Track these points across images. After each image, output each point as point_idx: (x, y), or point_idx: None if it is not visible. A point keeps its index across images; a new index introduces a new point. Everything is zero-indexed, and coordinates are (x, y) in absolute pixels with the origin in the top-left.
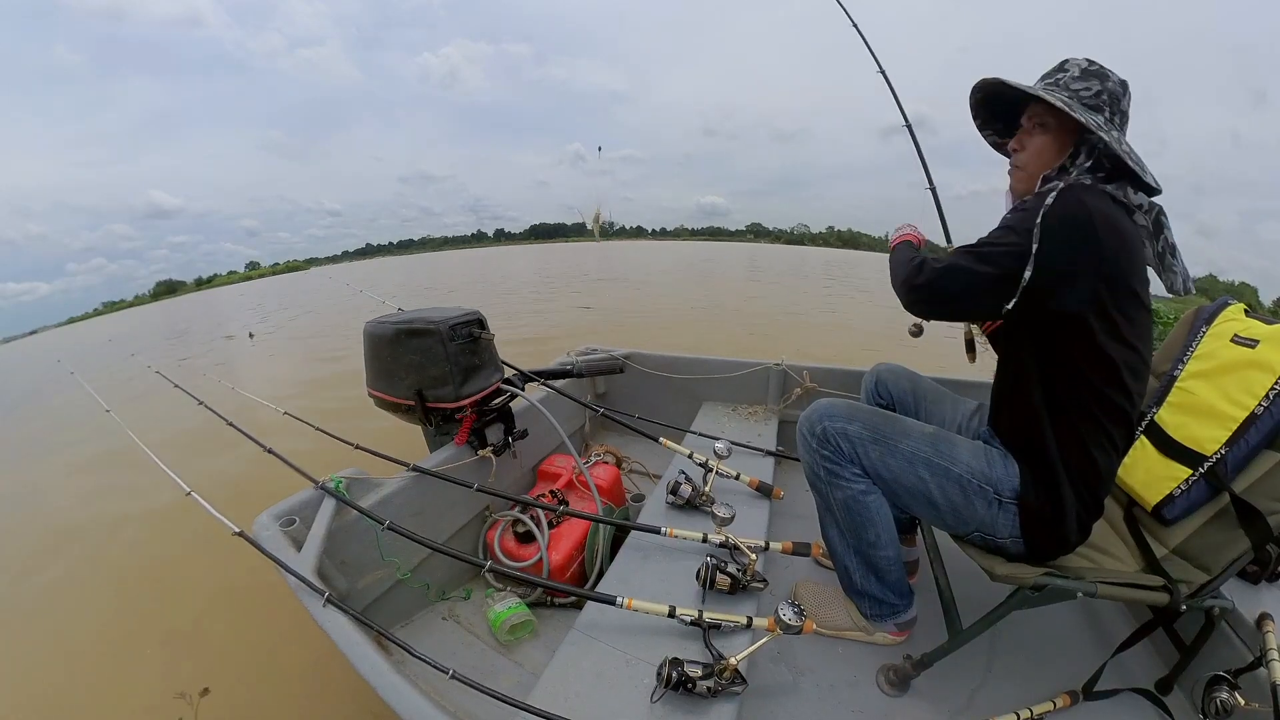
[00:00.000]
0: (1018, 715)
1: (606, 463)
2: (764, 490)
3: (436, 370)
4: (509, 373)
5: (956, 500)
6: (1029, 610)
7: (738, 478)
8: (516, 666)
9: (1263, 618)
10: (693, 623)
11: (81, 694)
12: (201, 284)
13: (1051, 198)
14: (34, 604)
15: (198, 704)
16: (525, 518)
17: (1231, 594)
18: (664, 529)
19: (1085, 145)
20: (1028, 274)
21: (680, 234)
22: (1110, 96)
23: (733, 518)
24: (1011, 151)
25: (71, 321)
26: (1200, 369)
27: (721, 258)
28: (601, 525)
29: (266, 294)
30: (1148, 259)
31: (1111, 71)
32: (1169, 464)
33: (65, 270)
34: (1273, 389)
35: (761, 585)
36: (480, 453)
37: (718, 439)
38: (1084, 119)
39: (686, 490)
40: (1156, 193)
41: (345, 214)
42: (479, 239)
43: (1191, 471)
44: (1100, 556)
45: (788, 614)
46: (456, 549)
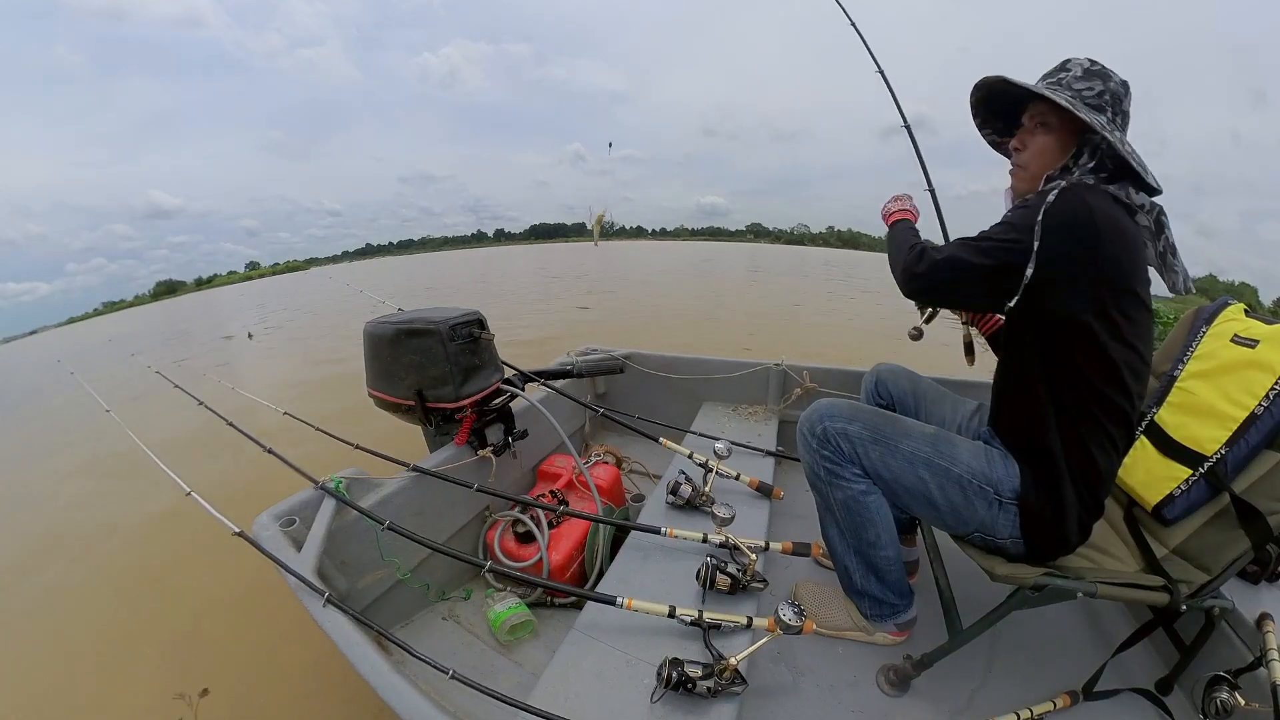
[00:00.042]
0: (1018, 715)
1: (606, 463)
2: (764, 490)
3: (436, 370)
4: (509, 373)
5: (956, 500)
6: (1029, 610)
7: (738, 478)
8: (516, 666)
9: (1263, 618)
10: (693, 623)
11: (81, 694)
12: (201, 284)
13: (1053, 196)
14: (33, 604)
15: (197, 704)
16: (525, 518)
17: (1231, 594)
18: (664, 529)
19: (1088, 145)
20: (1029, 271)
21: (680, 234)
22: (1112, 97)
23: (733, 518)
24: (1013, 150)
25: (71, 321)
26: (1200, 369)
27: (721, 258)
28: (601, 525)
29: (266, 294)
30: (1149, 259)
31: (1113, 72)
32: (1169, 464)
33: (65, 270)
34: (1273, 389)
35: (761, 585)
36: (480, 453)
37: (718, 439)
38: (1088, 119)
39: (686, 490)
40: (1157, 193)
41: (345, 214)
42: (479, 239)
43: (1191, 471)
44: (1100, 556)
45: (788, 614)
46: (456, 549)
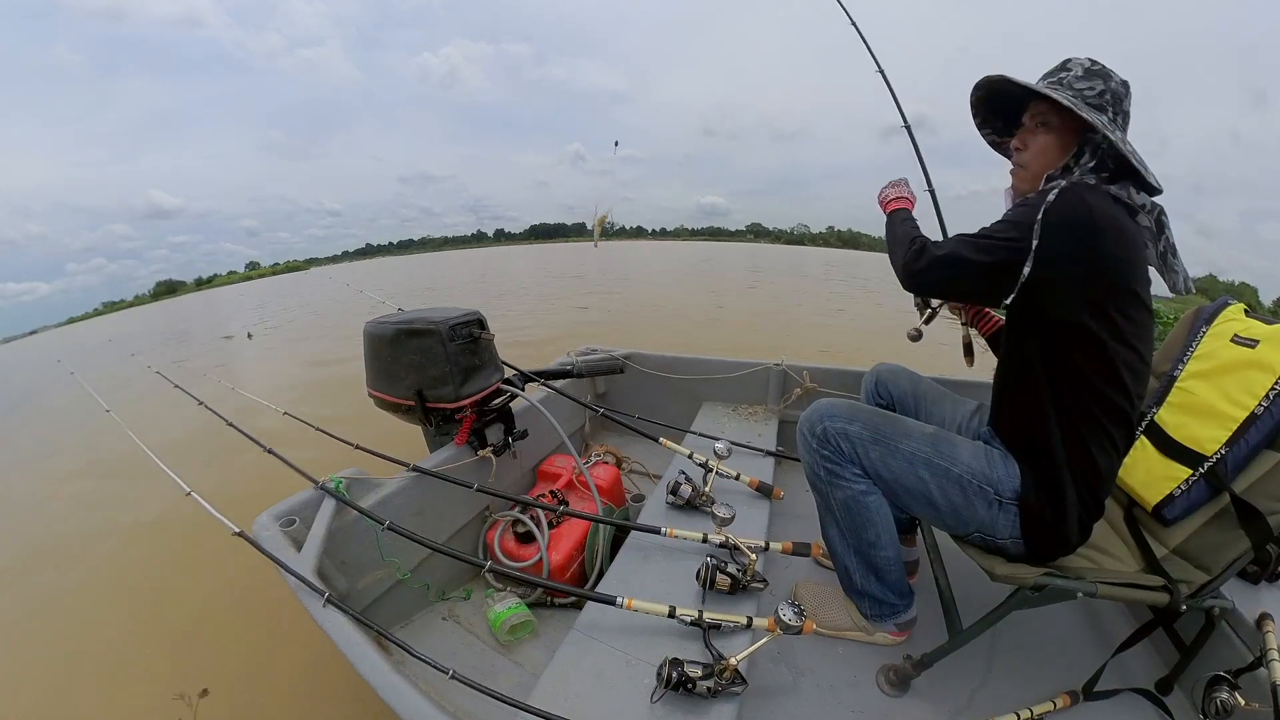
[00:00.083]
0: (1018, 715)
1: (606, 463)
2: (764, 490)
3: (436, 370)
4: (509, 373)
5: (956, 501)
6: (1029, 610)
7: (738, 478)
8: (516, 666)
9: (1263, 618)
10: (693, 623)
11: (81, 695)
12: (201, 284)
13: (1053, 195)
14: (33, 604)
15: (197, 705)
16: (525, 518)
17: (1231, 594)
18: (664, 529)
19: (1089, 145)
20: (1027, 269)
21: (680, 234)
22: (1113, 96)
23: (733, 518)
24: (1013, 150)
25: (71, 321)
26: (1200, 369)
27: (721, 258)
28: (601, 525)
29: (267, 294)
30: (1150, 259)
31: (1114, 71)
32: (1169, 464)
33: (65, 270)
34: (1273, 389)
35: (761, 585)
36: (480, 453)
37: (718, 439)
38: (1090, 118)
39: (686, 490)
40: (1158, 193)
41: (345, 214)
42: (479, 239)
43: (1191, 471)
44: (1100, 557)
45: (788, 614)
46: (456, 549)
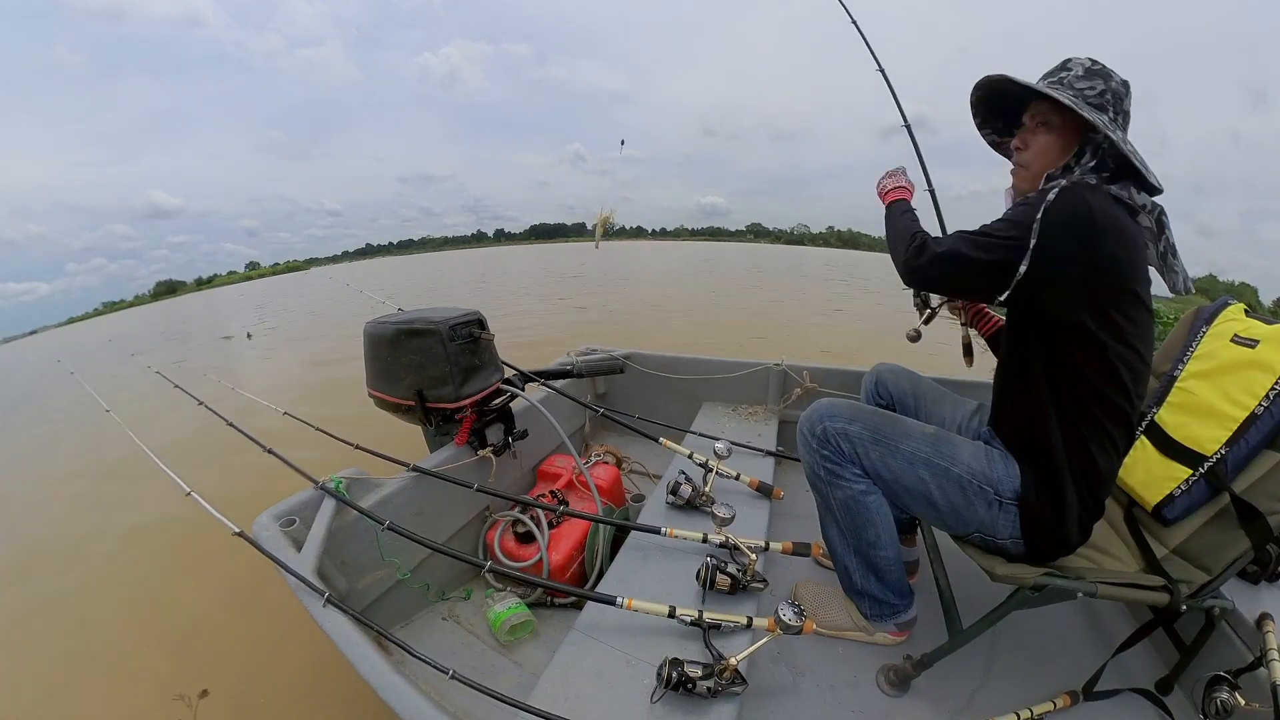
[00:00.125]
0: (1018, 715)
1: (606, 463)
2: (764, 490)
3: (436, 370)
4: (509, 373)
5: (956, 501)
6: (1029, 610)
7: (738, 478)
8: (516, 667)
9: (1263, 618)
10: (693, 623)
11: (80, 695)
12: (201, 284)
13: (1054, 194)
14: (33, 605)
15: (196, 705)
16: (525, 518)
17: (1231, 594)
18: (664, 529)
19: (1090, 144)
20: (1023, 268)
21: (680, 234)
22: (1114, 96)
23: (733, 518)
24: (1014, 150)
25: (71, 321)
26: (1200, 369)
27: (721, 258)
28: (601, 525)
29: (267, 294)
30: (1150, 259)
31: (1114, 71)
32: (1169, 464)
33: (65, 270)
34: (1273, 389)
35: (761, 585)
36: (480, 453)
37: (718, 439)
38: (1091, 118)
39: (686, 490)
40: (1159, 192)
41: (345, 214)
42: (479, 239)
43: (1192, 471)
44: (1100, 557)
45: (788, 614)
46: (456, 549)
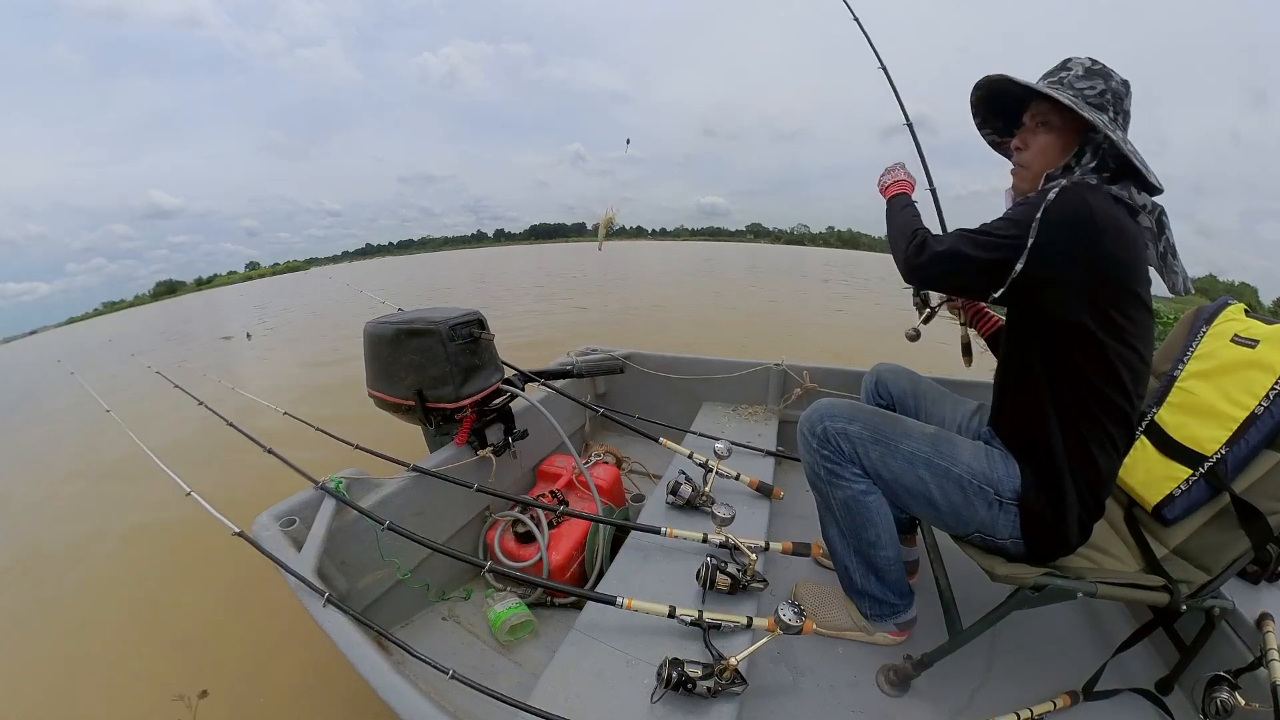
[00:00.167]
0: (1018, 715)
1: (606, 463)
2: (764, 490)
3: (436, 370)
4: (509, 373)
5: (956, 501)
6: (1029, 610)
7: (738, 478)
8: (516, 666)
9: (1263, 618)
10: (693, 623)
11: (79, 696)
12: (201, 284)
13: (1054, 194)
14: (33, 605)
15: (196, 706)
16: (525, 518)
17: (1231, 594)
18: (664, 529)
19: (1090, 144)
20: (1019, 266)
21: (680, 234)
22: (1114, 95)
23: (733, 518)
24: (1014, 150)
25: (71, 322)
26: (1200, 369)
27: (721, 257)
28: (601, 525)
29: (267, 294)
30: (1150, 260)
31: (1114, 71)
32: (1169, 464)
33: (65, 270)
34: (1273, 389)
35: (761, 585)
36: (480, 453)
37: (718, 439)
38: (1091, 117)
39: (686, 490)
40: (1159, 192)
41: (345, 214)
42: (479, 239)
43: (1192, 471)
44: (1100, 557)
45: (788, 614)
46: (456, 549)
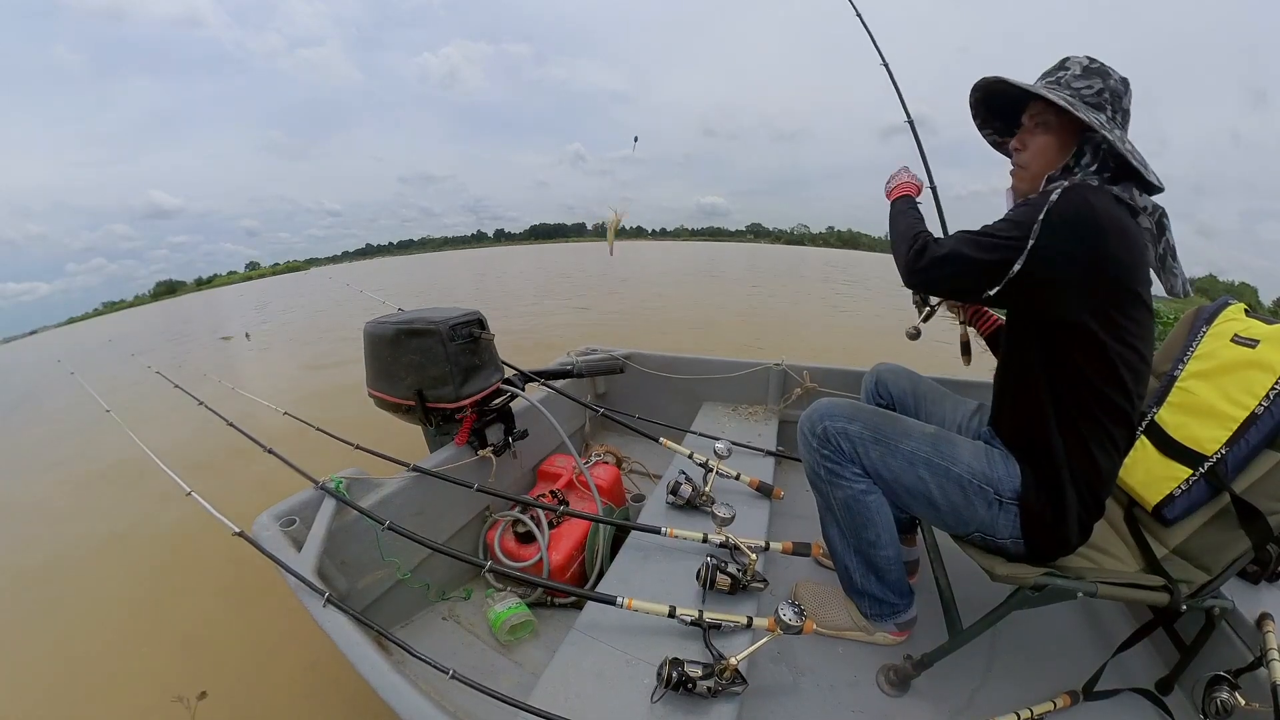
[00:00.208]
0: (1018, 715)
1: (606, 463)
2: (764, 490)
3: (436, 370)
4: (509, 373)
5: (957, 500)
6: (1029, 610)
7: (738, 478)
8: (516, 666)
9: (1263, 618)
10: (693, 623)
11: (78, 698)
12: (201, 284)
13: (1056, 195)
14: (32, 605)
15: (195, 707)
16: (525, 518)
17: (1231, 594)
18: (664, 529)
19: (1089, 145)
20: (1016, 267)
21: (680, 234)
22: (1112, 94)
23: (733, 518)
24: (1013, 150)
25: (71, 322)
26: (1200, 369)
27: (721, 258)
28: (602, 525)
29: (267, 294)
30: (1149, 261)
31: (1112, 69)
32: (1169, 464)
33: (65, 270)
34: (1273, 389)
35: (761, 585)
36: (480, 453)
37: (718, 439)
38: (1087, 118)
39: (686, 490)
40: (1159, 190)
41: (345, 214)
42: (479, 239)
43: (1192, 471)
44: (1100, 556)
45: (788, 614)
46: (456, 549)
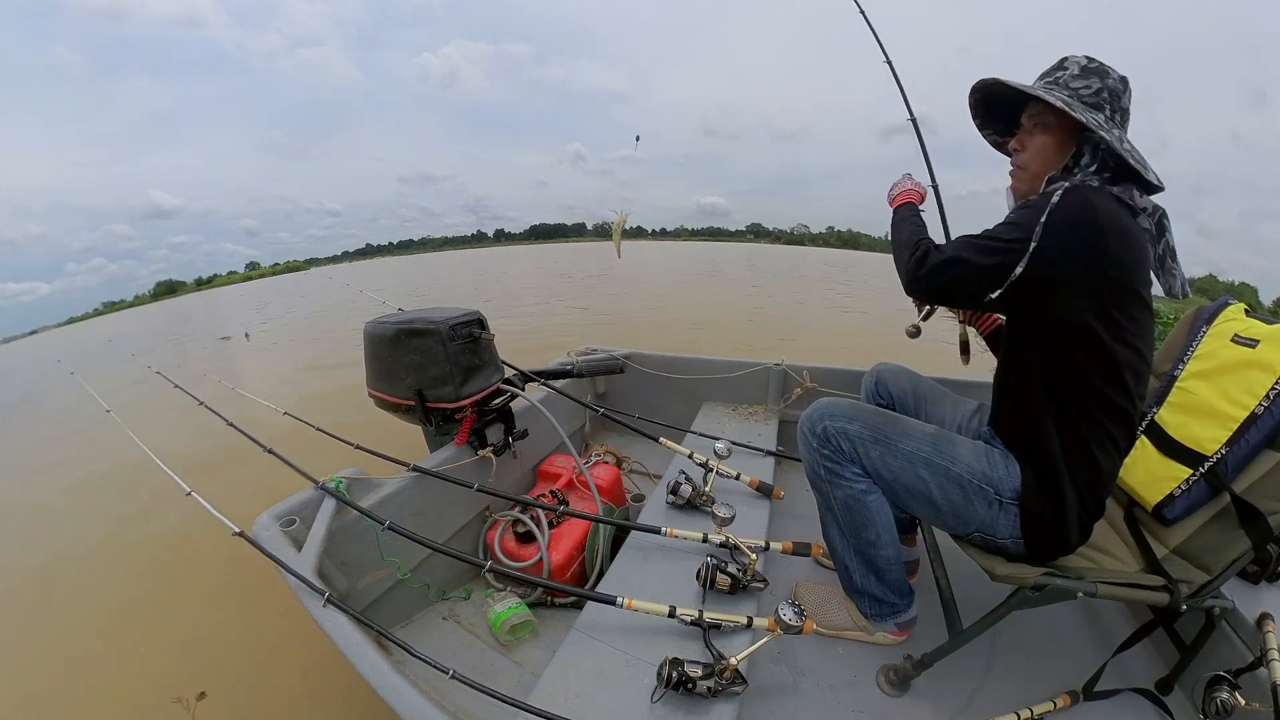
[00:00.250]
0: (1018, 715)
1: (606, 463)
2: (764, 490)
3: (436, 370)
4: (509, 373)
5: (957, 500)
6: (1029, 610)
7: (738, 478)
8: (516, 666)
9: (1263, 618)
10: (693, 623)
11: (78, 698)
12: (201, 284)
13: (1058, 196)
14: (32, 605)
15: (195, 708)
16: (525, 518)
17: (1231, 594)
18: (664, 529)
19: (1088, 145)
20: (1019, 269)
21: (680, 234)
22: (1110, 94)
23: (733, 518)
24: (1012, 151)
25: (71, 322)
26: (1200, 369)
27: (721, 258)
28: (602, 525)
29: (267, 294)
30: (1150, 261)
31: (1111, 68)
32: (1169, 464)
33: (65, 270)
34: (1273, 389)
35: (761, 585)
36: (480, 453)
37: (718, 439)
38: (1084, 118)
39: (686, 490)
40: (1159, 190)
41: (345, 214)
42: (479, 239)
43: (1192, 471)
44: (1101, 556)
45: (788, 614)
46: (457, 549)
